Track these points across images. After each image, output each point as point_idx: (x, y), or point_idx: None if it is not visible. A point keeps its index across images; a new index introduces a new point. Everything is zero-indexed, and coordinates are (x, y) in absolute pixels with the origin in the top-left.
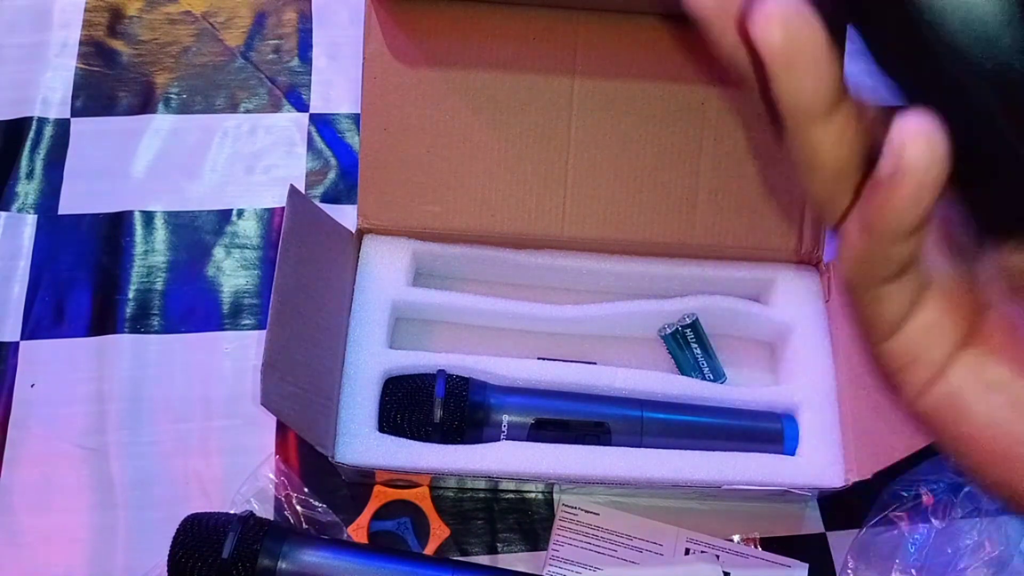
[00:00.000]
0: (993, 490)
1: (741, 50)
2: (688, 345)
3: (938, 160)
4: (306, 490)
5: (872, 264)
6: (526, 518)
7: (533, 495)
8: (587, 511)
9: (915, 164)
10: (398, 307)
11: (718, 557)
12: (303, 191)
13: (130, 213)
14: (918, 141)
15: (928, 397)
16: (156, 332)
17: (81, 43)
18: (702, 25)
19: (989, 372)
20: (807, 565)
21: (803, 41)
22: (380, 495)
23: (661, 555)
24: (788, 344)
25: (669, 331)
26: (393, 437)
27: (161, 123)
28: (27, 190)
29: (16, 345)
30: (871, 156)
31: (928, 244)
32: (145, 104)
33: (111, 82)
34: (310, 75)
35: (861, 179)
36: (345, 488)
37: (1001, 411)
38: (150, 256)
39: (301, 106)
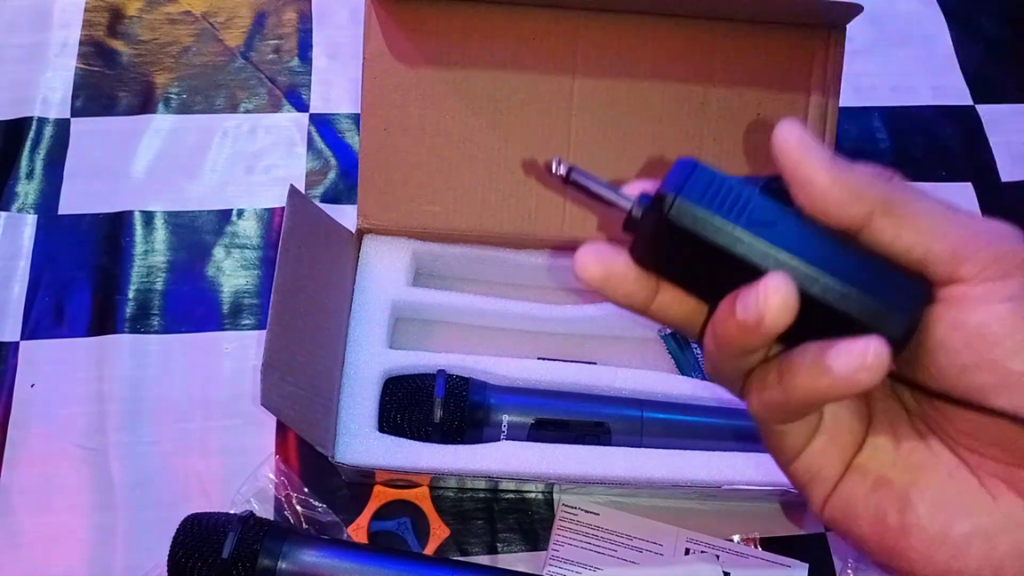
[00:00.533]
0: None
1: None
2: (688, 345)
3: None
4: (306, 490)
5: (778, 412)
6: (526, 518)
7: (533, 495)
8: (587, 511)
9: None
10: (398, 307)
11: (718, 557)
12: (303, 191)
13: (130, 213)
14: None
15: (828, 508)
16: (156, 332)
17: (81, 43)
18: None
19: (870, 478)
20: (807, 565)
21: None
22: (380, 495)
23: (661, 555)
24: None
25: (669, 331)
26: (393, 437)
27: (161, 123)
28: (27, 190)
29: (16, 345)
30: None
31: None
32: (145, 104)
33: (111, 82)
34: (310, 75)
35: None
36: (345, 488)
37: (881, 513)
38: (150, 256)
39: (301, 106)
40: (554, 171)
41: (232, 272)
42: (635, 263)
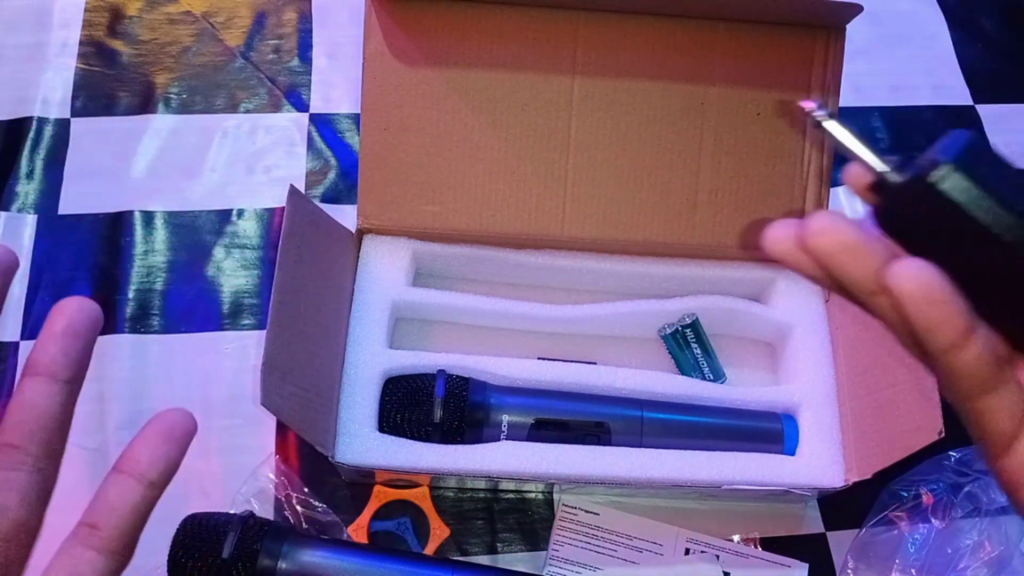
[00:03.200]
0: None
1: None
2: (688, 345)
3: (930, 296)
4: (306, 490)
5: (950, 380)
6: (526, 518)
7: (533, 495)
8: (587, 511)
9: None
10: (398, 307)
11: (718, 557)
12: (303, 191)
13: (130, 213)
14: (907, 279)
15: None
16: (156, 332)
17: (81, 43)
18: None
19: None
20: (807, 565)
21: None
22: (380, 495)
23: (661, 555)
24: (788, 344)
25: (669, 331)
26: (393, 437)
27: (161, 123)
28: (27, 190)
29: (16, 345)
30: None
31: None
32: (145, 104)
33: (111, 82)
34: (310, 75)
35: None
36: (345, 488)
37: None
38: (150, 256)
39: (301, 106)
40: (809, 112)
41: (232, 272)
42: (879, 227)
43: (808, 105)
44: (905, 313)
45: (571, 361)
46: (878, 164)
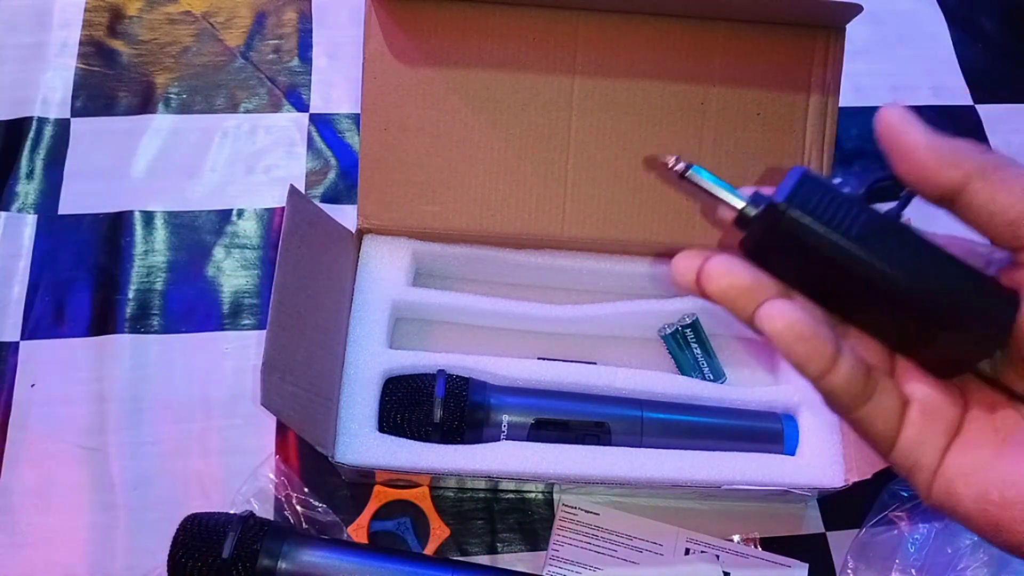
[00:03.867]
0: (1010, 553)
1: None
2: (688, 345)
3: (796, 334)
4: (306, 490)
5: (827, 399)
6: (526, 518)
7: (533, 495)
8: (587, 511)
9: (774, 335)
10: (398, 307)
11: (718, 557)
12: (303, 191)
13: (130, 213)
14: (775, 321)
15: (933, 492)
16: (156, 332)
17: (81, 43)
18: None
19: (969, 460)
20: (807, 565)
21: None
22: (380, 495)
23: (661, 555)
24: None
25: (669, 331)
26: (393, 437)
27: (161, 123)
28: (27, 190)
29: (16, 345)
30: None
31: (900, 372)
32: (145, 104)
33: (111, 82)
34: (310, 75)
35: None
36: (345, 488)
37: (983, 491)
38: (150, 256)
39: (301, 106)
40: (671, 167)
41: (232, 272)
42: (745, 257)
43: (669, 160)
44: (777, 349)
45: (571, 361)
46: (736, 202)
